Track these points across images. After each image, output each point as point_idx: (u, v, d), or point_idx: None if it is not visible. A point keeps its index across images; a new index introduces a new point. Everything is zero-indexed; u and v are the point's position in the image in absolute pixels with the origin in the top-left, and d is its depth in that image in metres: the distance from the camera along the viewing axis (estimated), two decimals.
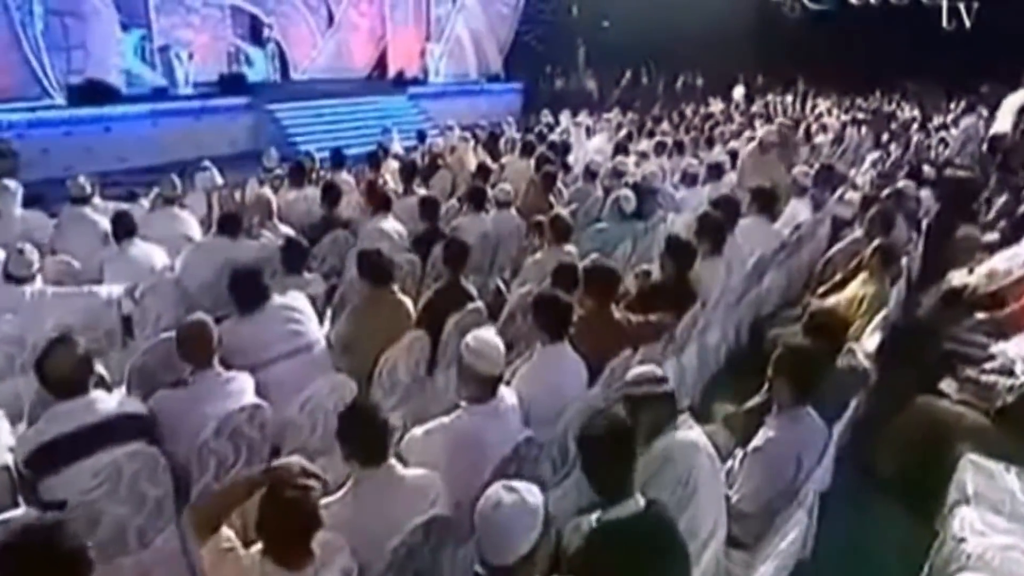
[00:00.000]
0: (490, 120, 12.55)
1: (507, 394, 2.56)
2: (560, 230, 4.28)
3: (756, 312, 5.19)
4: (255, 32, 17.38)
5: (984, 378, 3.59)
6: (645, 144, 8.80)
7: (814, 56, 17.09)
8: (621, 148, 7.62)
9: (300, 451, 3.12)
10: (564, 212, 4.34)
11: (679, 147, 8.18)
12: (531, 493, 1.62)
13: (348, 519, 2.06)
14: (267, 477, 1.84)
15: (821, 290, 4.73)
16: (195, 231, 5.43)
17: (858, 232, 4.91)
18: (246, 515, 1.85)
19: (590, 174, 6.43)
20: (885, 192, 5.17)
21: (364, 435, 2.11)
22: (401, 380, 3.47)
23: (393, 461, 2.18)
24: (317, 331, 3.34)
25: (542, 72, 20.00)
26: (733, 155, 7.27)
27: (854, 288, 4.16)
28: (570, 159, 8.07)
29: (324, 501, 2.12)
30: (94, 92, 12.81)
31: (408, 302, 3.53)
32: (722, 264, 4.17)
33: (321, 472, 1.90)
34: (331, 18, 18.31)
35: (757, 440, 2.43)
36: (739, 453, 2.60)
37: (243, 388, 2.87)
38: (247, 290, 3.17)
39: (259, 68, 16.93)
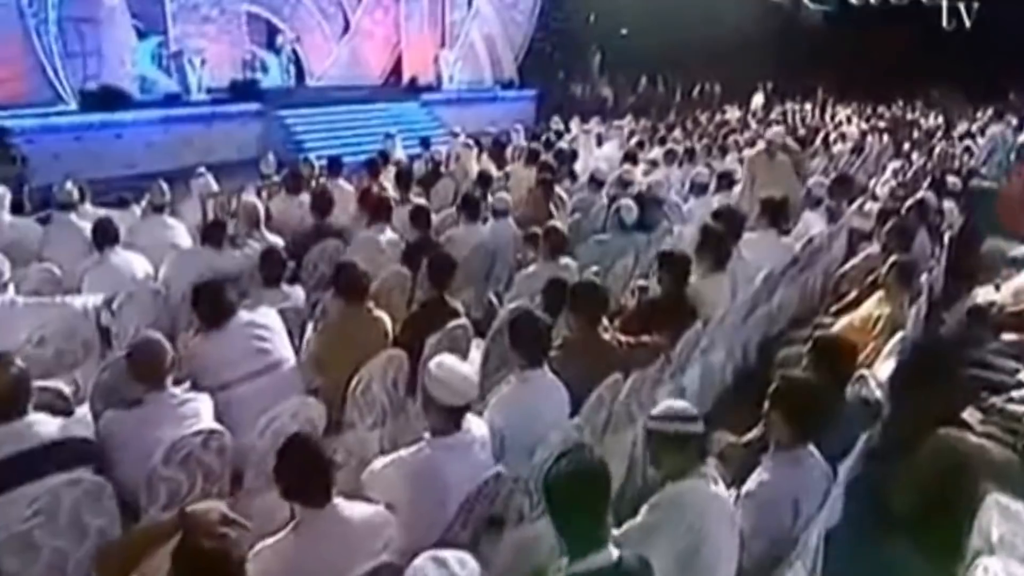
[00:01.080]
0: (502, 127, 12.36)
1: (476, 425, 2.34)
2: (555, 243, 4.05)
3: (766, 330, 4.92)
4: (272, 39, 17.45)
5: (1011, 407, 3.30)
6: (656, 152, 8.54)
7: (835, 64, 16.74)
8: (630, 156, 7.36)
9: (264, 477, 2.95)
10: (559, 224, 4.11)
11: (690, 155, 7.91)
12: (463, 566, 1.40)
13: (285, 565, 1.85)
14: (181, 524, 1.63)
15: (834, 308, 4.45)
16: (184, 239, 5.28)
17: (874, 247, 4.62)
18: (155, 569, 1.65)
19: (595, 183, 6.19)
20: (905, 204, 4.86)
21: (304, 473, 1.90)
22: (377, 400, 3.27)
23: (339, 500, 1.96)
24: (286, 349, 3.14)
25: (556, 79, 19.82)
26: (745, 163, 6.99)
27: (869, 307, 3.88)
28: (577, 167, 7.83)
29: (261, 544, 1.91)
30: (106, 98, 12.85)
31: (385, 319, 3.32)
32: (726, 280, 3.91)
33: (243, 519, 1.69)
34: (347, 25, 18.31)
35: (750, 483, 2.17)
36: (732, 494, 2.34)
37: (198, 411, 2.68)
38: (210, 305, 2.99)
39: (275, 75, 16.99)
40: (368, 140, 13.40)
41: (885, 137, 10.36)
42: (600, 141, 10.49)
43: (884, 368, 3.16)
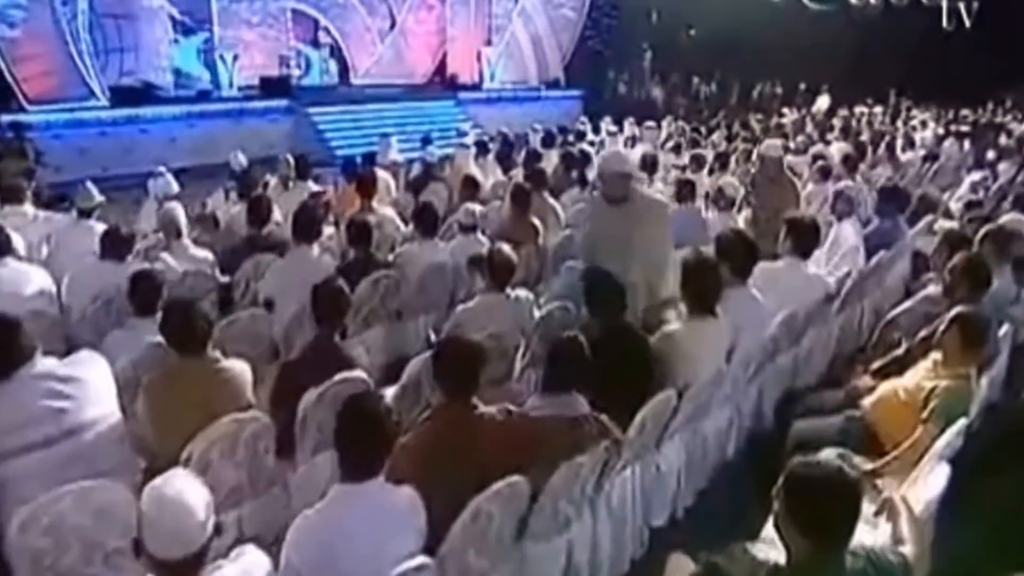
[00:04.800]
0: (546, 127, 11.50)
1: (237, 571, 1.50)
2: (500, 269, 3.16)
3: (789, 383, 3.89)
4: (318, 37, 17.32)
5: None
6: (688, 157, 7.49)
7: (911, 64, 15.14)
8: (647, 162, 6.35)
9: None
10: (506, 248, 3.22)
11: (723, 162, 6.83)
12: None
13: None
14: None
15: (877, 364, 3.37)
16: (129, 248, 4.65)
17: (933, 287, 3.52)
18: None
19: (595, 191, 5.23)
20: (982, 232, 3.71)
21: None
22: (222, 477, 2.49)
23: None
24: (101, 408, 2.39)
25: (606, 79, 18.82)
26: None
27: (920, 375, 2.82)
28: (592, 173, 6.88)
29: None
30: (136, 94, 12.79)
31: (239, 371, 2.52)
32: (719, 326, 2.94)
33: None
34: (393, 24, 17.98)
35: None
36: None
37: None
38: None
39: (316, 72, 16.85)
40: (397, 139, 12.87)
41: (966, 143, 8.91)
42: (634, 144, 9.50)
43: (929, 483, 2.13)
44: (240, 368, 2.54)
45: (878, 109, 13.92)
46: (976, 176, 7.23)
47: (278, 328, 3.58)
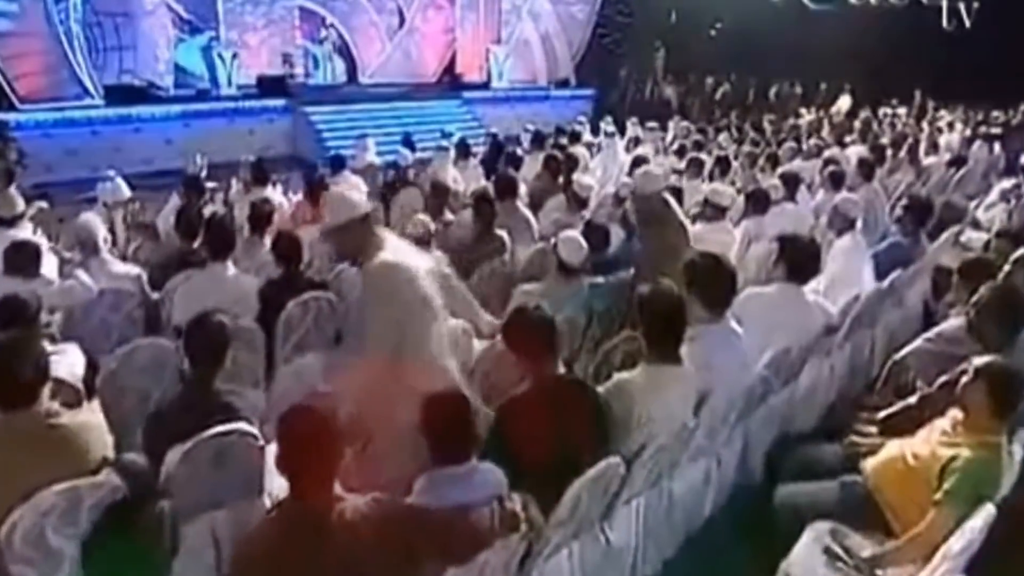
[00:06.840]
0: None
1: None
2: None
3: (784, 428, 3.35)
4: (322, 35, 17.05)
5: None
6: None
7: (940, 64, 14.42)
8: (641, 165, 5.79)
9: None
10: (445, 267, 2.73)
11: (724, 166, 6.25)
12: None
13: None
14: None
15: (884, 414, 2.82)
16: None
17: (954, 321, 2.94)
18: None
19: (576, 200, 4.71)
20: (1015, 256, 3.09)
21: None
22: (65, 551, 2.04)
23: None
24: None
25: (617, 78, 18.27)
26: (788, 180, 5.30)
27: (935, 437, 2.27)
28: (585, 178, 6.36)
29: None
30: (135, 93, 12.54)
31: (77, 425, 2.05)
32: (683, 372, 2.41)
33: None
34: (402, 23, 17.67)
35: None
36: None
37: None
38: None
39: (322, 71, 16.61)
40: (396, 140, 12.44)
41: (996, 147, 8.23)
42: (636, 145, 8.94)
43: None
44: (83, 423, 2.07)
45: (902, 110, 13.17)
46: (1007, 183, 6.57)
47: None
